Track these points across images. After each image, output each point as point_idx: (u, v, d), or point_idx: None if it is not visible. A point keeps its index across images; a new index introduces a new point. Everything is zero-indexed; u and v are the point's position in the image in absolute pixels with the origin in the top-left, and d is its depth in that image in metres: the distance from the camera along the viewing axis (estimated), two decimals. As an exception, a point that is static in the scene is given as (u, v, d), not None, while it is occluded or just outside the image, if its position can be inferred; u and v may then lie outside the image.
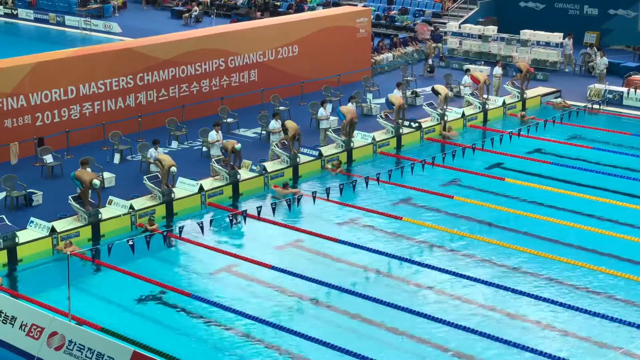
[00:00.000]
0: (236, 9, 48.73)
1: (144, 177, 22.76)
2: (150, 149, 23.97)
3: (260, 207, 20.99)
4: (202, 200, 22.78)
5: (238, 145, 23.59)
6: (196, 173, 23.97)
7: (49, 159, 24.61)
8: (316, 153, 25.38)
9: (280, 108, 29.13)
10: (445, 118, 28.41)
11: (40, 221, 20.42)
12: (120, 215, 21.32)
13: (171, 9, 50.08)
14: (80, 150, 25.58)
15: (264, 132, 27.56)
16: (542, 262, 19.39)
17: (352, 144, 26.14)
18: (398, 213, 22.14)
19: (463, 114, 29.31)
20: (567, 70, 36.02)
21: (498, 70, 32.63)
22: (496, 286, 18.19)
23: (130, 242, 18.63)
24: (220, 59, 30.47)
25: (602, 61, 33.62)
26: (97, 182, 21.15)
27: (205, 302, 17.72)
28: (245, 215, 20.94)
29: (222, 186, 23.37)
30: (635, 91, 31.25)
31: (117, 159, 25.64)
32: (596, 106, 30.91)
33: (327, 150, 25.93)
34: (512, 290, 17.95)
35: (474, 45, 38.17)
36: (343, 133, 26.17)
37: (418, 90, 32.39)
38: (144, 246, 19.01)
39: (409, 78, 33.75)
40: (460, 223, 21.75)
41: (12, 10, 50.83)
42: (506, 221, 21.85)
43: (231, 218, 20.82)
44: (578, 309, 17.21)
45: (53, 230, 20.23)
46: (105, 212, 21.26)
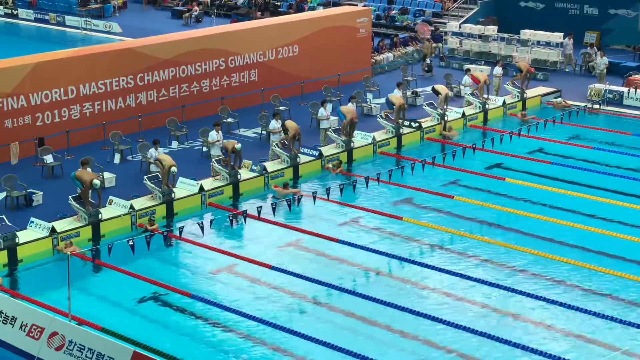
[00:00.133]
0: (236, 8, 48.72)
1: (144, 177, 22.76)
2: (151, 149, 23.97)
3: (261, 207, 21.01)
4: (203, 200, 22.78)
5: (238, 145, 23.58)
6: (196, 173, 23.96)
7: (49, 159, 24.61)
8: (316, 153, 25.37)
9: (281, 108, 29.12)
10: (446, 118, 28.39)
11: (41, 221, 20.42)
12: (120, 216, 21.32)
13: (171, 9, 50.06)
14: (80, 150, 25.57)
15: (264, 132, 27.56)
16: (542, 262, 19.38)
17: (352, 144, 26.13)
18: (398, 213, 22.14)
19: (463, 114, 29.30)
20: (567, 70, 36.00)
21: (498, 70, 32.60)
22: (496, 286, 18.18)
23: (131, 242, 18.64)
24: (221, 59, 30.46)
25: (602, 61, 33.61)
26: (97, 182, 21.15)
27: (205, 302, 17.73)
28: (245, 215, 20.95)
29: (222, 186, 23.36)
30: (636, 91, 31.23)
31: (117, 159, 25.64)
32: (596, 106, 30.90)
33: (328, 150, 25.92)
34: (513, 291, 17.95)
35: (474, 45, 38.16)
36: (343, 133, 26.17)
37: (418, 90, 32.38)
38: (144, 246, 19.03)
39: (409, 78, 33.73)
40: (460, 223, 21.75)
41: (13, 10, 50.81)
42: (506, 221, 21.85)
43: (231, 218, 20.82)
44: (578, 309, 17.20)
45: (53, 231, 20.23)
46: (106, 212, 21.27)
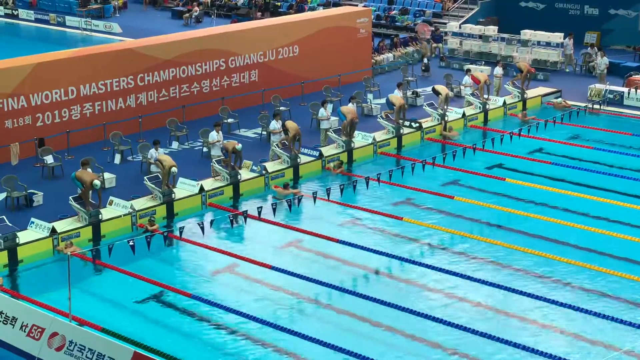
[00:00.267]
0: (236, 9, 48.71)
1: (145, 177, 22.76)
2: (151, 150, 23.97)
3: (261, 207, 21.01)
4: (203, 200, 22.79)
5: (239, 146, 23.59)
6: (197, 173, 23.97)
7: (49, 159, 24.61)
8: (317, 153, 25.37)
9: (281, 108, 29.11)
10: (446, 118, 28.40)
11: (41, 222, 20.42)
12: (120, 216, 21.32)
13: (172, 10, 50.05)
14: (80, 150, 25.58)
15: (264, 133, 27.56)
16: (542, 262, 19.38)
17: (352, 145, 26.14)
18: (398, 213, 22.13)
19: (463, 114, 29.29)
20: (567, 71, 35.99)
21: (498, 70, 32.59)
22: (497, 286, 18.17)
23: (131, 243, 18.63)
24: (221, 60, 30.46)
25: (602, 61, 33.61)
26: (97, 182, 21.15)
27: (205, 303, 17.73)
28: (245, 215, 20.96)
29: (222, 187, 23.37)
30: (636, 91, 31.23)
31: (117, 159, 25.64)
32: (597, 106, 30.90)
33: (328, 150, 25.92)
34: (513, 291, 17.93)
35: (475, 45, 38.15)
36: (344, 133, 26.17)
37: (419, 90, 32.38)
38: (144, 247, 19.02)
39: (409, 78, 33.73)
40: (460, 223, 21.74)
41: (13, 11, 50.81)
42: (507, 221, 21.84)
43: (232, 218, 20.82)
44: (579, 309, 17.19)
45: (54, 231, 20.23)
46: (106, 213, 21.27)
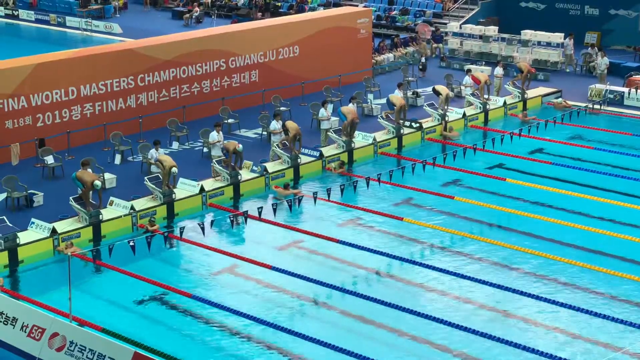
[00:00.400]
0: (237, 9, 48.72)
1: (145, 177, 22.76)
2: (151, 150, 23.97)
3: (261, 207, 21.01)
4: (203, 201, 22.78)
5: (240, 147, 23.59)
6: (197, 174, 23.97)
7: (49, 159, 24.61)
8: (317, 154, 25.37)
9: (281, 109, 29.11)
10: (446, 118, 28.40)
11: (41, 222, 20.42)
12: (121, 216, 21.32)
13: (172, 10, 50.07)
14: (81, 151, 25.58)
15: (264, 133, 27.55)
16: (543, 262, 19.38)
17: (353, 145, 26.14)
18: (399, 214, 22.13)
19: (464, 114, 29.29)
20: (568, 71, 35.99)
21: (499, 70, 32.59)
22: (497, 286, 18.16)
23: (131, 243, 18.64)
24: (221, 60, 30.46)
25: (603, 61, 33.61)
26: (98, 183, 21.15)
27: (206, 303, 17.73)
28: (246, 216, 20.96)
29: (223, 187, 23.37)
30: (636, 91, 31.23)
31: (118, 159, 25.65)
32: (597, 106, 30.90)
33: (328, 150, 25.93)
34: (513, 291, 17.93)
35: (475, 45, 38.15)
36: (344, 134, 26.17)
37: (419, 90, 32.39)
38: (144, 247, 19.05)
39: (409, 78, 33.73)
40: (461, 224, 21.74)
41: (13, 11, 50.81)
42: (507, 222, 21.85)
43: (232, 219, 20.82)
44: (579, 309, 17.20)
45: (54, 231, 20.23)
46: (106, 213, 21.27)
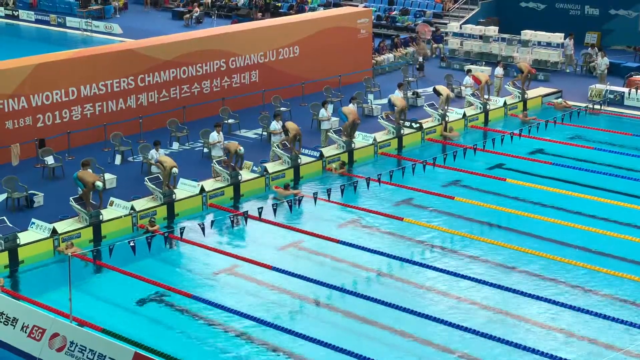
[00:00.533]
0: (237, 9, 48.73)
1: (145, 178, 22.76)
2: (152, 150, 23.97)
3: (262, 208, 21.01)
4: (203, 201, 22.78)
5: (241, 149, 23.59)
6: (197, 174, 23.97)
7: (50, 160, 24.61)
8: (317, 154, 25.38)
9: (281, 109, 29.12)
10: (447, 119, 28.41)
11: (42, 222, 20.42)
12: (121, 217, 21.33)
13: (172, 10, 50.07)
14: (81, 151, 25.58)
15: (264, 133, 27.55)
16: (543, 262, 19.38)
17: (353, 145, 26.14)
18: (399, 214, 22.13)
19: (464, 115, 29.29)
20: (568, 71, 35.99)
21: (499, 70, 32.59)
22: (497, 287, 18.17)
23: (132, 244, 18.64)
24: (221, 60, 30.47)
25: (603, 61, 33.61)
26: (100, 184, 21.15)
27: (206, 303, 17.72)
28: (246, 216, 20.96)
29: (223, 187, 23.37)
30: (637, 91, 31.23)
31: (118, 160, 25.65)
32: (597, 106, 30.90)
33: (328, 151, 25.93)
34: (513, 291, 17.94)
35: (475, 45, 38.16)
36: (344, 134, 26.17)
37: (419, 90, 32.39)
38: (145, 247, 19.05)
39: (410, 79, 33.73)
40: (461, 224, 21.74)
41: (13, 12, 50.81)
42: (507, 222, 21.85)
43: (232, 219, 20.82)
44: (579, 309, 17.20)
45: (54, 232, 20.23)
46: (107, 214, 21.27)
